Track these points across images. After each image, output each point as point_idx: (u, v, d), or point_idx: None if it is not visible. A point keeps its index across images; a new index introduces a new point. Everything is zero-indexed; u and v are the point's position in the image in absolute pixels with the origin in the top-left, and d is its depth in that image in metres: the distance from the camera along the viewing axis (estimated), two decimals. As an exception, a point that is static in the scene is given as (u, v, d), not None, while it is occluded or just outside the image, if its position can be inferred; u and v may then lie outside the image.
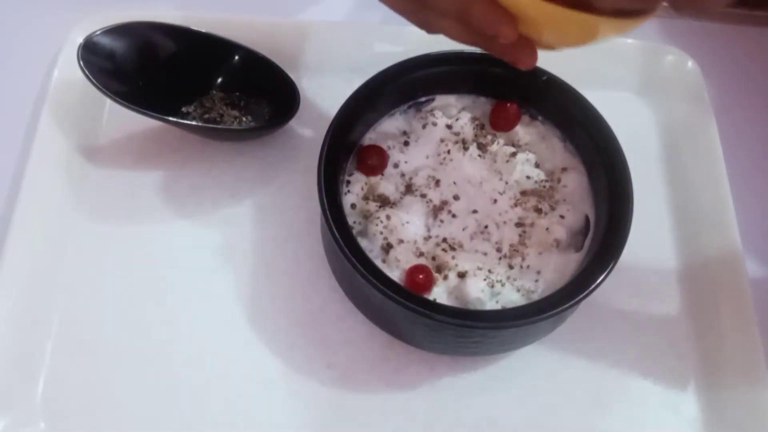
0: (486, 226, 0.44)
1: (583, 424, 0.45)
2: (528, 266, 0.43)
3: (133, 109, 0.47)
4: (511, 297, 0.42)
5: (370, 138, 0.47)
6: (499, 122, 0.48)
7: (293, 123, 0.51)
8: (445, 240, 0.43)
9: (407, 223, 0.44)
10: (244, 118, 0.53)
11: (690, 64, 0.56)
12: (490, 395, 0.45)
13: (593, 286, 0.40)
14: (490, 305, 0.42)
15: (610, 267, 0.40)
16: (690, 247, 0.50)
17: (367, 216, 0.44)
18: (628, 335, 0.47)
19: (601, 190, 0.44)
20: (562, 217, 0.45)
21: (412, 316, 0.39)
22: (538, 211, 0.44)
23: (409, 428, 0.44)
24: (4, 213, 0.48)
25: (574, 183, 0.46)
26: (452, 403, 0.45)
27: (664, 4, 0.31)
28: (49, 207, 0.48)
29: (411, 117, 0.48)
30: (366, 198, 0.45)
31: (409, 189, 0.46)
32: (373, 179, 0.46)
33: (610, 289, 0.41)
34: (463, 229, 0.44)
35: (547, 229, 0.43)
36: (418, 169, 0.46)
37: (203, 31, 0.52)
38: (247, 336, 0.46)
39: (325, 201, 0.41)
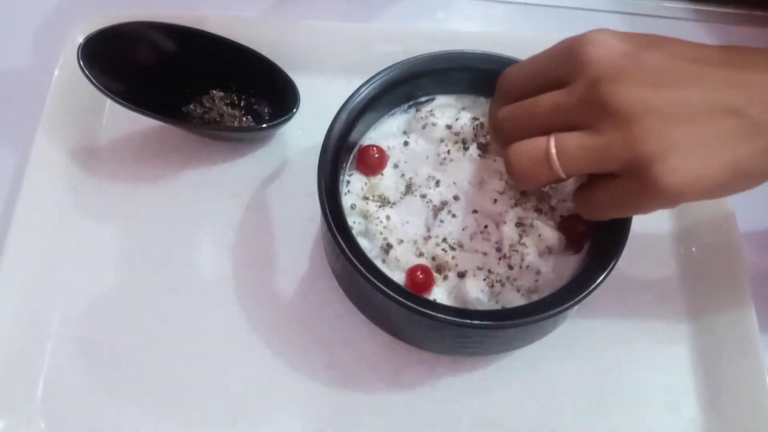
0: (486, 226, 0.44)
1: (583, 424, 0.45)
2: (528, 266, 0.43)
3: (133, 109, 0.47)
4: (511, 297, 0.42)
5: (370, 138, 0.47)
6: None
7: (293, 123, 0.51)
8: (445, 240, 0.43)
9: (407, 223, 0.44)
10: (244, 118, 0.53)
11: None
12: (490, 395, 0.45)
13: (593, 286, 0.40)
14: (490, 305, 0.42)
15: (610, 267, 0.40)
16: (690, 247, 0.50)
17: (367, 216, 0.44)
18: (628, 335, 0.47)
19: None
20: (561, 217, 0.45)
21: (412, 316, 0.39)
22: (539, 211, 0.44)
23: (409, 428, 0.44)
24: (4, 213, 0.48)
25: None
26: (452, 403, 0.45)
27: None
28: (49, 207, 0.48)
29: (411, 117, 0.48)
30: (366, 198, 0.45)
31: (409, 189, 0.46)
32: (373, 179, 0.46)
33: (610, 289, 0.41)
34: (463, 229, 0.44)
35: (540, 235, 0.43)
36: (418, 169, 0.46)
37: (203, 31, 0.52)
38: (247, 336, 0.46)
39: (325, 201, 0.41)
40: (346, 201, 0.44)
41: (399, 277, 0.42)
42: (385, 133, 0.48)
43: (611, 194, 0.36)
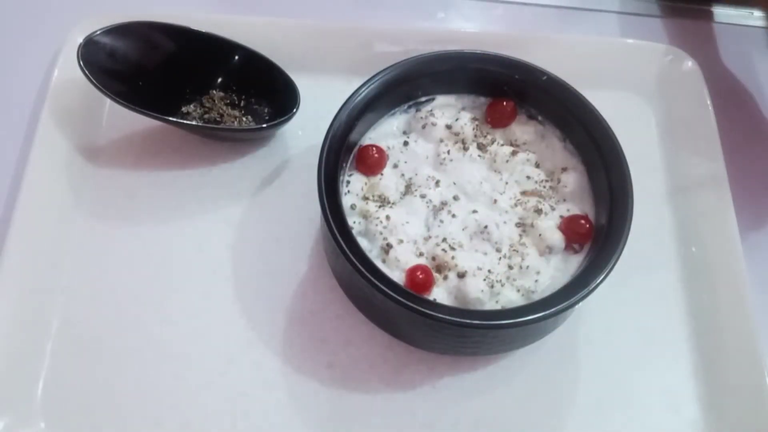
0: (486, 226, 0.44)
1: (583, 424, 0.45)
2: (528, 266, 0.43)
3: (133, 109, 0.47)
4: (511, 297, 0.42)
5: (370, 138, 0.47)
6: (495, 118, 0.48)
7: (293, 123, 0.51)
8: (445, 240, 0.43)
9: (407, 223, 0.44)
10: (244, 118, 0.53)
11: (690, 64, 0.56)
12: (490, 395, 0.45)
13: (593, 286, 0.40)
14: (490, 305, 0.42)
15: (610, 267, 0.40)
16: (690, 247, 0.50)
17: (367, 216, 0.44)
18: (628, 335, 0.47)
19: (601, 190, 0.44)
20: (561, 217, 0.45)
21: (412, 316, 0.39)
22: (539, 211, 0.44)
23: (409, 428, 0.44)
24: (4, 213, 0.48)
25: (574, 183, 0.46)
26: (452, 403, 0.45)
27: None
28: (49, 207, 0.48)
29: (411, 117, 0.48)
30: (366, 198, 0.45)
31: (409, 189, 0.46)
32: (373, 179, 0.46)
33: (610, 289, 0.41)
34: (463, 229, 0.44)
35: (540, 235, 0.43)
36: (418, 169, 0.46)
37: (203, 31, 0.52)
38: (247, 336, 0.46)
39: (325, 201, 0.41)
40: (346, 201, 0.44)
41: (399, 277, 0.42)
42: (385, 133, 0.48)
43: None
